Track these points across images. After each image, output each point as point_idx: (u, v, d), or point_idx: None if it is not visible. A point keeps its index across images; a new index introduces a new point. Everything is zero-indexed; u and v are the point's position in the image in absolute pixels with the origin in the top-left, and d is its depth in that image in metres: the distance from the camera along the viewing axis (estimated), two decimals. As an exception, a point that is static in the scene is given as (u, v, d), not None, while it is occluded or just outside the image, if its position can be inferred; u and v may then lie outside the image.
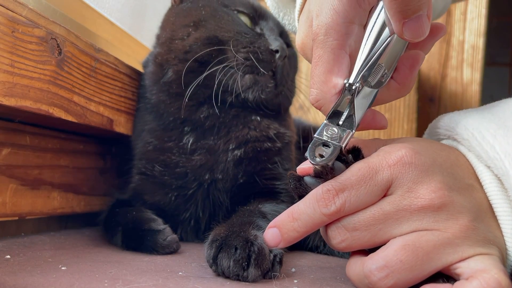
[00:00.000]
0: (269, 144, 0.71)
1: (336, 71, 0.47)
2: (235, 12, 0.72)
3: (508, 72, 2.11)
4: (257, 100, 0.69)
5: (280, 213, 0.64)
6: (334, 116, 0.48)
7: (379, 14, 0.47)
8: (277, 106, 0.73)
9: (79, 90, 0.65)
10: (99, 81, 0.70)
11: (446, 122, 0.51)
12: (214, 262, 0.48)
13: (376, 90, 0.48)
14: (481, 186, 0.46)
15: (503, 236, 0.45)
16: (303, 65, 1.32)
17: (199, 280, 0.47)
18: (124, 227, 0.63)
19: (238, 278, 0.46)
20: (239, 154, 0.69)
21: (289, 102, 0.77)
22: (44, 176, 0.70)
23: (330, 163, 0.45)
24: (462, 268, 0.42)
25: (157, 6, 1.16)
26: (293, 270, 0.54)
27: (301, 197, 0.46)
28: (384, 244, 0.43)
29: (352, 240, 0.44)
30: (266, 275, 0.47)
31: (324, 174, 0.45)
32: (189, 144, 0.69)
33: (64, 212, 0.76)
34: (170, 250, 0.60)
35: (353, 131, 0.47)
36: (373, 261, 0.42)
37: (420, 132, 1.31)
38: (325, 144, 0.46)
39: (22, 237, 0.65)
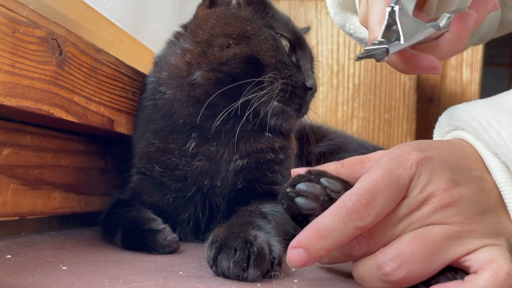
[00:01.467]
0: (272, 156, 0.71)
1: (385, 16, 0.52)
2: (279, 35, 0.70)
3: (507, 72, 2.11)
4: (277, 127, 0.70)
5: (280, 213, 0.65)
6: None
7: None
8: (290, 131, 0.75)
9: (79, 90, 0.65)
10: (99, 81, 0.70)
11: (454, 112, 0.53)
12: (214, 263, 0.48)
13: (429, 28, 0.53)
14: (490, 175, 0.47)
15: None
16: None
17: (199, 279, 0.47)
18: (124, 227, 0.64)
19: (238, 278, 0.46)
20: (241, 164, 0.69)
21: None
22: (44, 176, 0.70)
23: (366, 55, 0.50)
24: (470, 261, 0.43)
25: (157, 6, 1.17)
26: (293, 270, 0.54)
27: (293, 217, 0.46)
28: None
29: (369, 246, 0.45)
30: (266, 275, 0.48)
31: (311, 177, 0.46)
32: (191, 148, 0.69)
33: (65, 212, 0.76)
34: (170, 250, 0.60)
35: (401, 42, 0.50)
36: (385, 253, 0.43)
37: (419, 132, 1.31)
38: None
39: (23, 237, 0.65)
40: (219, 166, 0.69)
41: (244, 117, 0.67)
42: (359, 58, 0.51)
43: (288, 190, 0.46)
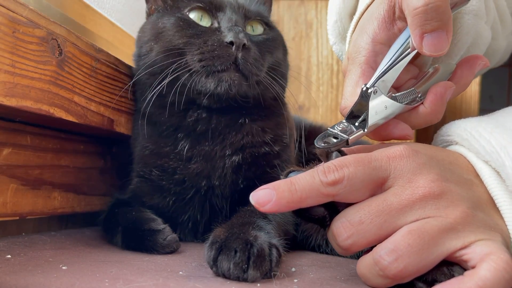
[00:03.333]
0: (267, 149, 0.70)
1: (361, 83, 0.53)
2: (188, 13, 0.70)
3: (507, 72, 2.11)
4: (231, 96, 0.67)
5: (281, 213, 0.65)
6: (352, 118, 0.52)
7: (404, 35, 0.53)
8: (257, 97, 0.70)
9: (79, 90, 0.65)
10: (99, 81, 0.70)
11: (448, 127, 0.54)
12: (214, 263, 0.48)
13: (402, 105, 0.53)
14: (481, 182, 0.48)
15: (506, 225, 0.46)
16: (303, 65, 1.32)
17: (199, 279, 0.47)
18: (124, 227, 0.64)
19: (238, 279, 0.46)
20: (237, 160, 0.69)
21: (271, 92, 0.71)
22: (44, 176, 0.70)
23: (331, 149, 0.49)
24: (468, 255, 0.43)
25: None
26: (293, 269, 0.54)
27: None
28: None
29: (358, 235, 0.44)
30: (265, 275, 0.48)
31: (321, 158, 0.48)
32: (185, 150, 0.69)
33: (65, 212, 0.76)
34: (170, 250, 0.60)
35: (364, 130, 0.51)
36: (382, 247, 0.43)
37: (419, 132, 1.31)
38: (335, 137, 0.50)
39: (23, 237, 0.65)
40: (214, 163, 0.68)
41: (197, 101, 0.68)
42: (319, 148, 0.50)
43: (281, 178, 0.48)
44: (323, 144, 0.50)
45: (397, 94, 0.54)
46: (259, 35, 0.72)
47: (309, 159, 0.81)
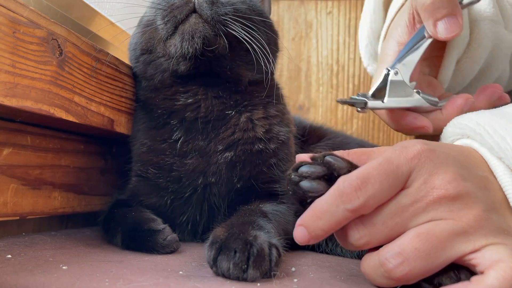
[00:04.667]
0: (261, 146, 0.70)
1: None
2: None
3: (507, 72, 2.11)
4: (199, 50, 0.65)
5: (281, 213, 0.65)
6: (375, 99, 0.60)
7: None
8: (223, 48, 0.66)
9: (80, 91, 0.65)
10: (99, 81, 0.70)
11: (460, 120, 0.54)
12: (214, 263, 0.48)
13: (420, 99, 0.59)
14: (495, 179, 0.47)
15: None
16: (303, 64, 1.32)
17: (200, 279, 0.47)
18: (124, 227, 0.64)
19: (237, 279, 0.46)
20: (230, 156, 0.68)
21: (244, 46, 0.66)
22: (45, 176, 0.70)
23: (350, 103, 0.60)
24: (476, 259, 0.42)
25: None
26: (293, 269, 0.54)
27: (301, 202, 0.47)
28: None
29: (370, 236, 0.44)
30: (265, 275, 0.48)
31: (317, 163, 0.47)
32: (179, 142, 0.69)
33: (65, 212, 0.76)
34: (170, 250, 0.60)
35: (383, 102, 0.58)
36: (388, 249, 0.43)
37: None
38: (352, 104, 0.61)
39: (23, 237, 0.65)
40: (208, 159, 0.68)
41: (178, 68, 0.69)
42: (340, 102, 0.61)
43: (291, 175, 0.47)
44: (346, 99, 0.58)
45: (420, 92, 0.59)
46: None
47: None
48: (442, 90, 0.68)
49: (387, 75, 0.58)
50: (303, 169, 0.47)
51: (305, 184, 0.46)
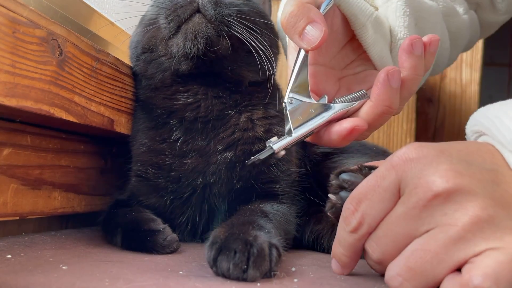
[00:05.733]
0: (260, 146, 0.69)
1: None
2: None
3: (507, 72, 2.11)
4: (201, 50, 0.65)
5: (282, 212, 0.65)
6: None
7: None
8: (226, 49, 0.67)
9: (79, 91, 0.65)
10: (99, 81, 0.70)
11: (473, 117, 0.50)
12: (214, 264, 0.48)
13: (337, 105, 0.55)
14: (511, 171, 0.42)
15: None
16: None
17: (200, 279, 0.47)
18: (124, 228, 0.63)
19: (237, 279, 0.46)
20: (229, 156, 0.68)
21: (247, 47, 0.66)
22: (45, 176, 0.70)
23: (255, 161, 0.55)
24: (476, 263, 0.39)
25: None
26: (293, 269, 0.54)
27: (337, 218, 0.50)
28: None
29: (381, 249, 0.44)
30: (265, 275, 0.48)
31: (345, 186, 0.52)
32: (179, 142, 0.69)
33: (65, 212, 0.76)
34: (171, 250, 0.60)
35: (291, 136, 0.54)
36: (389, 269, 0.43)
37: (419, 132, 1.31)
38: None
39: (23, 237, 0.65)
40: (207, 158, 0.68)
41: (178, 68, 0.69)
42: (249, 163, 0.56)
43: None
44: (252, 158, 0.55)
45: (338, 98, 0.56)
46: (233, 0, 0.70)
47: (312, 158, 0.81)
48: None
49: (286, 109, 0.54)
50: (343, 177, 0.52)
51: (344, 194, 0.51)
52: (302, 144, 0.81)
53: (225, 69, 0.69)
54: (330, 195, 0.53)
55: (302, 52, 0.55)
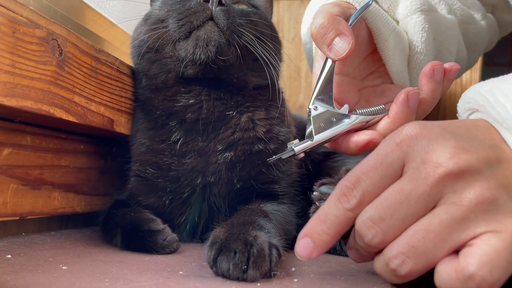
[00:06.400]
0: (261, 146, 0.69)
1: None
2: None
3: (507, 72, 2.11)
4: (211, 57, 0.65)
5: (282, 212, 0.65)
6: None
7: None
8: (235, 58, 0.67)
9: (79, 91, 0.65)
10: (99, 81, 0.70)
11: (466, 94, 0.50)
12: (214, 264, 0.48)
13: (357, 116, 0.57)
14: (509, 148, 0.43)
15: None
16: (303, 65, 1.32)
17: (200, 279, 0.47)
18: (123, 228, 0.63)
19: (237, 280, 0.46)
20: (229, 156, 0.68)
21: (254, 56, 0.68)
22: (45, 176, 0.70)
23: (274, 161, 0.60)
24: (472, 247, 0.40)
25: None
26: (293, 269, 0.54)
27: None
28: None
29: (383, 233, 0.42)
30: (265, 275, 0.48)
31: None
32: (179, 143, 0.69)
33: (65, 212, 0.76)
34: (171, 250, 0.60)
35: (312, 140, 0.57)
36: (390, 248, 0.42)
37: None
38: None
39: (23, 237, 0.65)
40: (207, 158, 0.68)
41: (182, 72, 0.68)
42: (268, 160, 0.61)
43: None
44: (274, 156, 0.58)
45: (358, 109, 0.58)
46: (243, 8, 0.71)
47: (313, 158, 0.81)
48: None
49: (309, 115, 0.57)
50: (323, 189, 0.56)
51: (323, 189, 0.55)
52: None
53: (231, 75, 0.70)
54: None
55: (329, 62, 0.57)
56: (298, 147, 0.57)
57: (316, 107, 0.57)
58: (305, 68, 1.32)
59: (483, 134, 0.44)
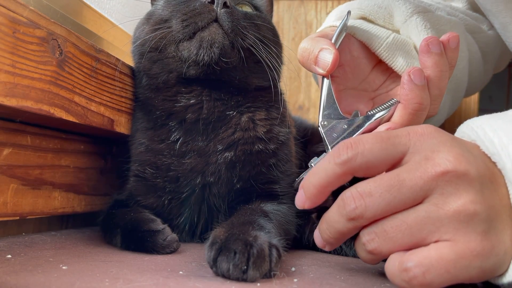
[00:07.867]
0: (260, 146, 0.69)
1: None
2: None
3: (507, 72, 2.11)
4: (215, 59, 0.65)
5: (282, 212, 0.65)
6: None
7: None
8: (238, 60, 0.67)
9: (80, 91, 0.65)
10: (99, 81, 0.70)
11: (460, 127, 0.51)
12: (214, 264, 0.48)
13: (369, 115, 0.58)
14: (503, 177, 0.44)
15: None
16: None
17: (200, 279, 0.47)
18: (123, 228, 0.63)
19: (237, 280, 0.46)
20: (229, 156, 0.68)
21: (256, 58, 0.68)
22: (45, 176, 0.70)
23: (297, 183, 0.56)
24: (423, 249, 0.42)
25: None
26: (293, 269, 0.54)
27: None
28: None
29: (366, 207, 0.43)
30: (265, 275, 0.48)
31: None
32: (178, 143, 0.69)
33: (65, 212, 0.76)
34: (171, 250, 0.60)
35: (327, 153, 0.56)
36: (370, 227, 0.44)
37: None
38: None
39: (23, 237, 0.65)
40: (207, 158, 0.68)
41: (185, 73, 0.68)
42: (295, 185, 0.57)
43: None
44: (297, 179, 0.57)
45: (370, 110, 0.59)
46: (246, 11, 0.72)
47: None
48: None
49: (321, 131, 0.58)
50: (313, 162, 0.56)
51: None
52: (302, 145, 0.81)
53: (233, 77, 0.69)
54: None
55: (326, 81, 0.60)
56: (315, 162, 0.57)
57: (324, 122, 0.58)
58: (304, 68, 1.32)
59: (481, 156, 0.45)
